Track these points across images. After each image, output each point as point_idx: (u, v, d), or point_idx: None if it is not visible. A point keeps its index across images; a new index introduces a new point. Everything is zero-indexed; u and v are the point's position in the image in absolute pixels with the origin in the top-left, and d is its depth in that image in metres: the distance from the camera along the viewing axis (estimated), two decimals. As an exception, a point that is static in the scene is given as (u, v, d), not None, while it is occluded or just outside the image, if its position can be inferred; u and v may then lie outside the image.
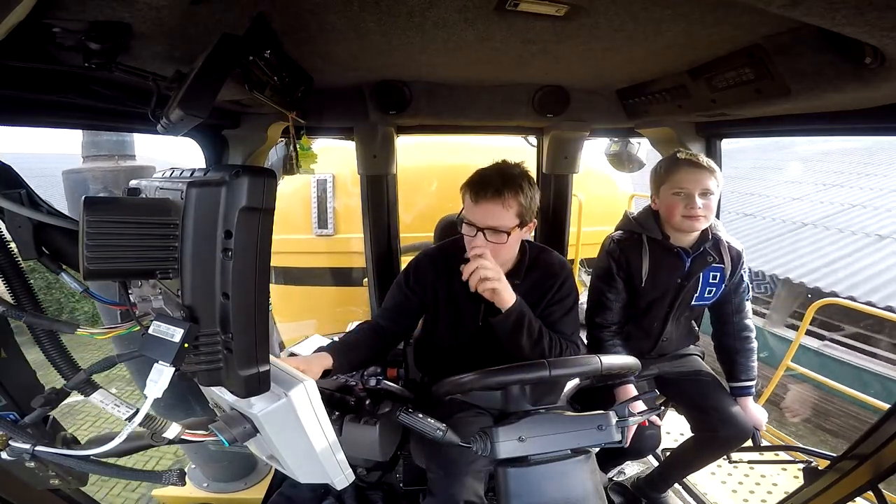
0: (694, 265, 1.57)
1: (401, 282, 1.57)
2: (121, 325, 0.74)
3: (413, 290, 1.54)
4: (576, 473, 1.02)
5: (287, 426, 0.80)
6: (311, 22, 0.94)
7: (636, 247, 1.60)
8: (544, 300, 1.47)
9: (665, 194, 1.52)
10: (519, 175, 1.35)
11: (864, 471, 1.16)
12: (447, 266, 1.50)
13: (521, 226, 1.36)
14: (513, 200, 1.31)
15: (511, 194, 1.31)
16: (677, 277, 1.58)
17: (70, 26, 0.68)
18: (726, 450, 1.62)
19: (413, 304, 1.55)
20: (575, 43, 1.11)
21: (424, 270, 1.54)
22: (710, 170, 1.47)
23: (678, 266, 1.58)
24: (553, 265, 1.50)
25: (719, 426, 1.56)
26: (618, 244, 1.63)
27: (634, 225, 1.63)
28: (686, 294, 1.60)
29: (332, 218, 3.26)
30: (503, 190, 1.30)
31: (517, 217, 1.33)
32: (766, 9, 0.61)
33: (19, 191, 0.70)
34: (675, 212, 1.50)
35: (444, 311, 1.55)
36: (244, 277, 0.64)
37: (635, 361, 1.19)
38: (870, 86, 0.87)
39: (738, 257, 1.61)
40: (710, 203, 1.48)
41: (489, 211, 1.32)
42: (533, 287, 1.47)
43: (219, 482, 2.93)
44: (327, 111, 1.75)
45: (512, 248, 1.41)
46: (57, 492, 0.97)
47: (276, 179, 0.65)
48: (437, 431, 1.01)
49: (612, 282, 1.62)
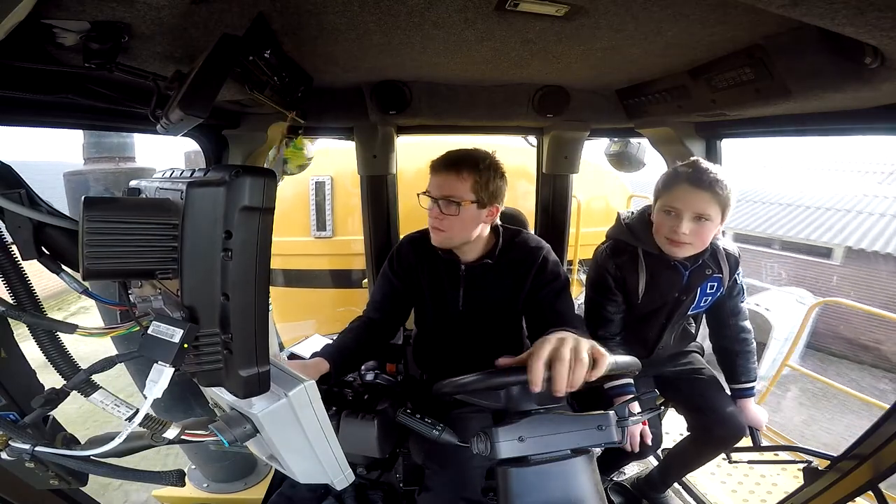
0: (692, 278, 1.50)
1: (386, 269, 1.61)
2: (121, 325, 0.74)
3: (397, 274, 1.57)
4: (576, 473, 1.02)
5: (287, 426, 0.80)
6: (311, 22, 0.94)
7: (632, 261, 1.52)
8: (527, 281, 1.49)
9: (657, 209, 1.43)
10: (481, 158, 1.40)
11: (864, 471, 1.16)
12: (427, 249, 1.54)
13: (477, 204, 1.39)
14: (467, 174, 1.36)
15: (467, 169, 1.37)
16: (675, 292, 1.52)
17: (70, 26, 0.68)
18: (722, 449, 1.62)
19: (399, 289, 1.58)
20: (575, 43, 1.11)
21: (406, 255, 1.58)
22: (712, 191, 1.30)
23: (676, 280, 1.50)
24: (528, 244, 1.52)
25: (714, 426, 1.56)
26: (612, 258, 1.54)
27: (629, 235, 1.53)
28: (683, 306, 1.56)
29: (330, 220, 3.26)
30: (459, 164, 1.37)
31: (472, 192, 1.37)
32: (766, 9, 0.61)
33: (19, 191, 0.70)
34: (660, 231, 1.41)
35: (428, 295, 1.58)
36: (244, 278, 0.64)
37: (636, 361, 1.19)
38: (870, 86, 0.87)
39: (736, 264, 1.55)
40: (702, 229, 1.34)
41: (444, 181, 1.38)
42: (510, 266, 1.50)
43: (219, 482, 2.93)
44: (327, 111, 1.75)
45: (467, 223, 1.42)
46: (57, 492, 0.97)
47: (276, 179, 0.65)
48: (435, 431, 1.02)
49: (612, 295, 1.56)
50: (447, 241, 1.46)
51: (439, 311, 1.59)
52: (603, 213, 3.56)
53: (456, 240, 1.45)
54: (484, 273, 1.51)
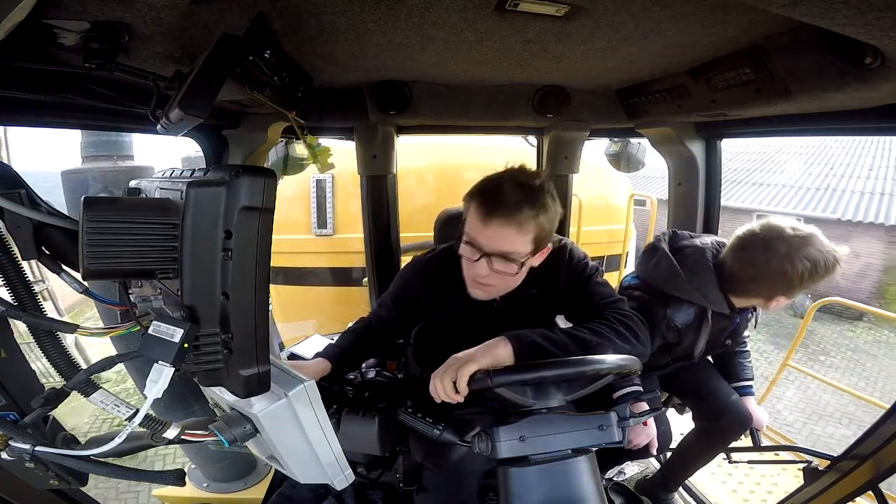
0: (740, 324, 1.54)
1: (390, 297, 1.46)
2: (121, 325, 0.74)
3: (401, 306, 1.45)
4: (577, 473, 1.02)
5: (287, 426, 0.80)
6: (311, 22, 0.94)
7: (697, 321, 1.43)
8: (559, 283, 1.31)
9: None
10: (540, 189, 1.10)
11: (864, 471, 1.16)
12: (440, 283, 1.37)
13: (534, 252, 1.14)
14: (531, 223, 1.07)
15: (531, 214, 1.07)
16: (723, 338, 1.54)
17: (70, 26, 0.68)
18: (728, 438, 1.62)
19: (402, 318, 1.47)
20: (575, 43, 1.11)
21: (416, 292, 1.42)
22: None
23: (727, 327, 1.52)
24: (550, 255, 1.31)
25: (719, 414, 1.57)
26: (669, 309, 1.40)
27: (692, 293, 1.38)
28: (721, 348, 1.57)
29: (331, 218, 3.26)
30: (520, 212, 1.06)
31: (533, 243, 1.10)
32: (766, 9, 0.61)
33: (19, 191, 0.70)
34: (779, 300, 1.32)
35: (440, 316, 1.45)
36: (244, 277, 0.64)
37: (636, 360, 1.18)
38: (870, 86, 0.88)
39: None
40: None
41: (500, 235, 1.08)
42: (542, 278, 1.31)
43: (219, 482, 2.93)
44: (327, 111, 1.75)
45: (519, 279, 1.20)
46: (57, 492, 0.97)
47: (276, 179, 0.65)
48: (436, 430, 1.02)
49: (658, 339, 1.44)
50: (490, 296, 1.25)
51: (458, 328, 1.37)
52: (604, 211, 3.54)
53: (503, 292, 1.25)
54: (524, 301, 1.32)
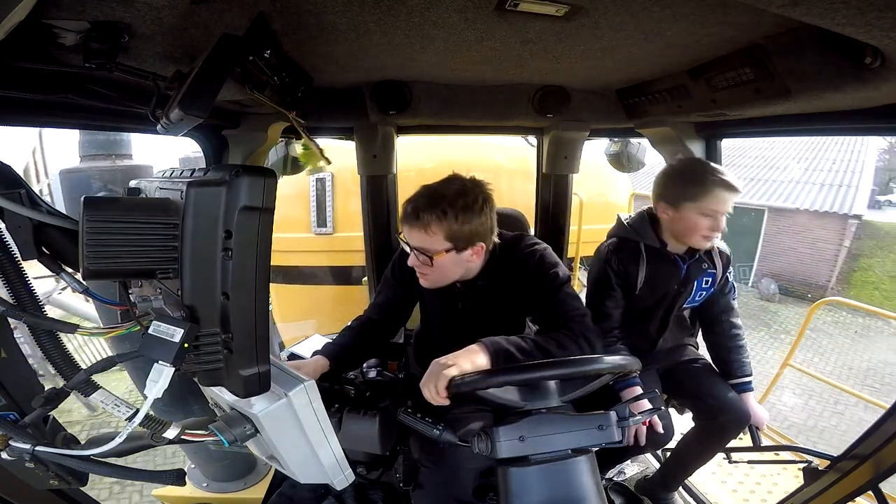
0: (689, 271, 1.60)
1: (388, 275, 1.58)
2: (121, 325, 0.74)
3: (399, 280, 1.55)
4: (577, 473, 1.02)
5: (287, 426, 0.80)
6: (311, 22, 0.94)
7: (633, 255, 1.61)
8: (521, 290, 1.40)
9: (689, 212, 1.48)
10: (452, 196, 1.26)
11: (864, 471, 1.16)
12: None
13: (455, 250, 1.29)
14: (436, 226, 1.25)
15: (435, 220, 1.25)
16: (674, 284, 1.61)
17: (70, 26, 0.68)
18: (727, 436, 1.62)
19: (401, 295, 1.56)
20: (575, 43, 1.11)
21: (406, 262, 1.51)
22: (737, 192, 1.46)
23: (674, 273, 1.60)
24: (521, 253, 1.42)
25: (719, 412, 1.57)
26: (615, 253, 1.63)
27: (630, 232, 1.64)
28: (681, 299, 1.64)
29: (331, 216, 3.26)
30: (427, 216, 1.25)
31: (446, 241, 1.27)
32: (766, 9, 0.61)
33: (19, 191, 0.70)
34: (697, 231, 1.49)
35: (428, 300, 1.57)
36: (244, 277, 0.64)
37: (635, 360, 1.19)
38: (870, 86, 0.88)
39: (728, 262, 1.67)
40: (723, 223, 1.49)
41: (413, 234, 1.29)
42: (505, 281, 1.42)
43: (219, 482, 2.93)
44: (327, 111, 1.75)
45: (448, 269, 1.34)
46: (57, 492, 0.97)
47: (276, 179, 0.65)
48: (436, 430, 1.02)
49: (611, 291, 1.63)
50: (432, 285, 1.41)
51: (440, 313, 1.58)
52: (605, 210, 3.55)
53: (441, 282, 1.39)
54: (479, 290, 1.46)
